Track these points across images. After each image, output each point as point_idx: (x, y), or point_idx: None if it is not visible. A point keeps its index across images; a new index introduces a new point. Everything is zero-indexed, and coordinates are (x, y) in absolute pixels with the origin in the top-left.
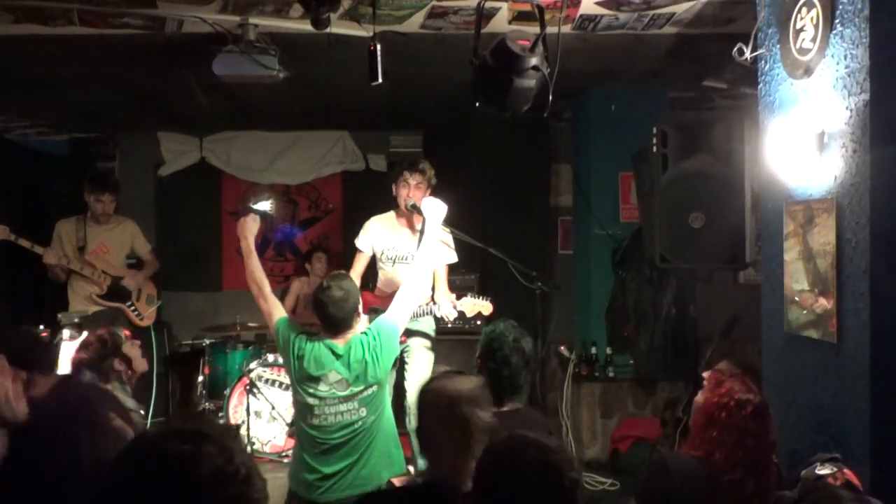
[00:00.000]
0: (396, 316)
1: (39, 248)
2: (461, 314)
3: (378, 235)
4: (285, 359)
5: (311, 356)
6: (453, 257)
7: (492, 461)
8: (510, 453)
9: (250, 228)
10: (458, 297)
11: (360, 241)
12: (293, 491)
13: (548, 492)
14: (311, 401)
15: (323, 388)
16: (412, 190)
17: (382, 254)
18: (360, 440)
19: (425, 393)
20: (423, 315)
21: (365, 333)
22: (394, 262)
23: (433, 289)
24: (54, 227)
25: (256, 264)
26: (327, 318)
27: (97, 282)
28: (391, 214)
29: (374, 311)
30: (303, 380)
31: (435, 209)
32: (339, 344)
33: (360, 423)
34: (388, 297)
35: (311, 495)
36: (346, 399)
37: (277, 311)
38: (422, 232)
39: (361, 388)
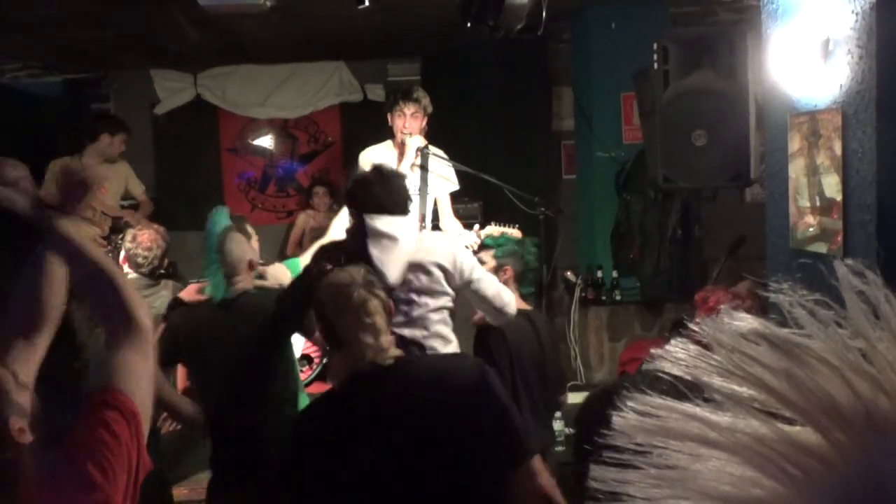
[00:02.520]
0: None
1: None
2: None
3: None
4: None
5: None
6: (455, 186)
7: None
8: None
9: None
10: (482, 227)
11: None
12: None
13: None
14: None
15: None
16: (408, 120)
17: None
18: None
19: (320, 288)
20: None
21: None
22: None
23: (436, 219)
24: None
25: None
26: None
27: (98, 223)
28: (388, 144)
29: None
30: None
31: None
32: None
33: None
34: None
35: None
36: None
37: None
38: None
39: None
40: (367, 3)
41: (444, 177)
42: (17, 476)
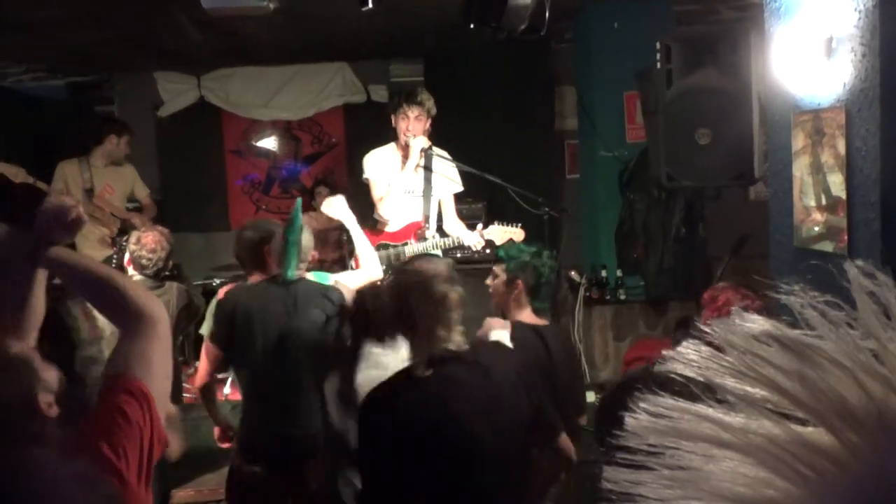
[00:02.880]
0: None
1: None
2: (490, 243)
3: (383, 168)
4: None
5: None
6: (459, 187)
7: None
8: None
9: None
10: (485, 227)
11: (371, 172)
12: None
13: None
14: None
15: None
16: (412, 122)
17: (389, 186)
18: None
19: (405, 273)
20: (435, 248)
21: None
22: (402, 194)
23: (440, 220)
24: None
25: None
26: None
27: (107, 224)
28: (392, 146)
29: (383, 248)
30: None
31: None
32: None
33: None
34: (399, 233)
35: None
36: None
37: None
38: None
39: None
40: (370, 5)
41: (447, 177)
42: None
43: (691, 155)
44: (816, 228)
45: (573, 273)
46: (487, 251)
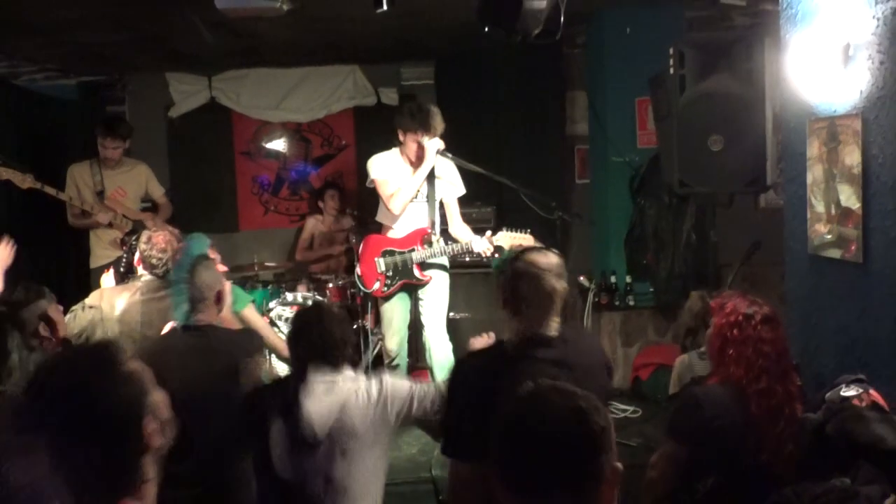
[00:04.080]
0: None
1: (63, 194)
2: (499, 249)
3: (389, 171)
4: None
5: None
6: (462, 190)
7: (519, 410)
8: (542, 402)
9: None
10: (494, 232)
11: (378, 172)
12: None
13: (575, 437)
14: None
15: None
16: (419, 147)
17: (399, 188)
18: None
19: (520, 262)
20: (443, 254)
21: None
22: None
23: (446, 224)
24: (67, 171)
25: None
26: None
27: (119, 226)
28: (395, 152)
29: (389, 254)
30: None
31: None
32: None
33: None
34: (406, 239)
35: None
36: None
37: None
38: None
39: None
40: (385, 7)
41: (451, 181)
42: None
43: (704, 161)
44: (827, 236)
45: (583, 278)
46: (496, 255)
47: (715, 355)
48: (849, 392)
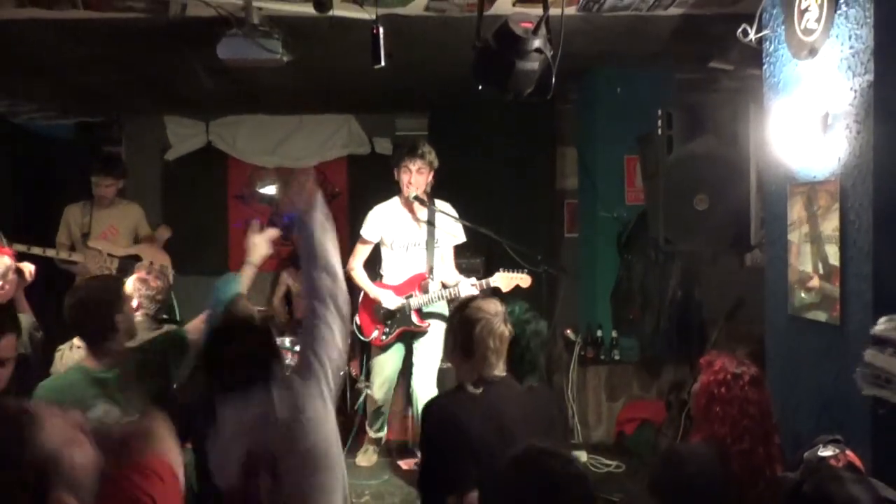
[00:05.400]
0: None
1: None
2: (497, 290)
3: (387, 223)
4: None
5: None
6: (460, 239)
7: (514, 470)
8: (532, 463)
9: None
10: (489, 274)
11: (367, 231)
12: None
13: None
14: None
15: None
16: (413, 175)
17: (393, 241)
18: None
19: (467, 309)
20: (440, 300)
21: None
22: (407, 248)
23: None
24: (63, 212)
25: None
26: None
27: (106, 267)
28: (395, 201)
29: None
30: None
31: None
32: None
33: None
34: (404, 286)
35: None
36: None
37: None
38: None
39: None
40: (382, 63)
41: (448, 231)
42: None
43: (689, 220)
44: (808, 295)
45: (569, 331)
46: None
47: (700, 412)
48: (826, 452)
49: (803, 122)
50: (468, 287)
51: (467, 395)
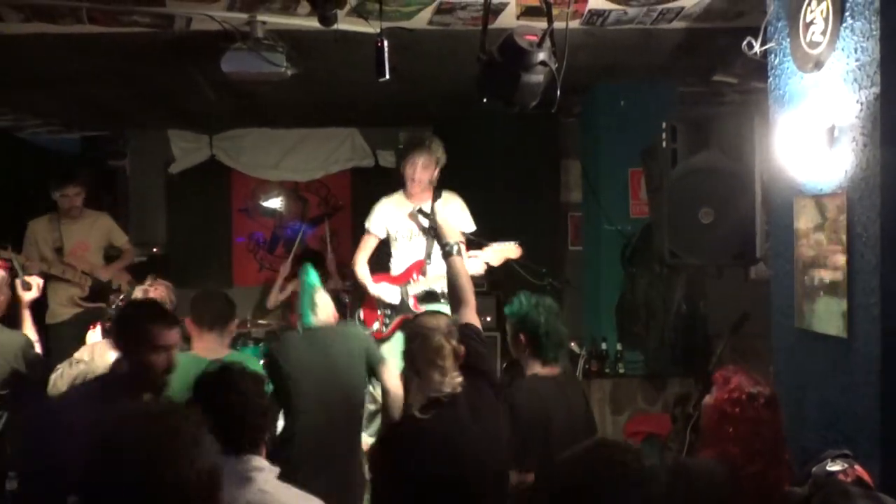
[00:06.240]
0: None
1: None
2: (487, 265)
3: (391, 217)
4: None
5: None
6: (469, 227)
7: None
8: (604, 460)
9: None
10: (493, 287)
11: (372, 224)
12: None
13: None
14: None
15: None
16: (419, 169)
17: (398, 232)
18: None
19: (411, 325)
20: (439, 280)
21: None
22: (410, 237)
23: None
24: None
25: None
26: None
27: (79, 283)
28: (399, 195)
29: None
30: None
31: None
32: None
33: None
34: (404, 274)
35: None
36: None
37: None
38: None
39: None
40: (387, 76)
41: (459, 218)
42: None
43: (694, 233)
44: (815, 308)
45: (573, 344)
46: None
47: (711, 428)
48: (834, 467)
49: (809, 134)
50: (474, 267)
51: (415, 427)
